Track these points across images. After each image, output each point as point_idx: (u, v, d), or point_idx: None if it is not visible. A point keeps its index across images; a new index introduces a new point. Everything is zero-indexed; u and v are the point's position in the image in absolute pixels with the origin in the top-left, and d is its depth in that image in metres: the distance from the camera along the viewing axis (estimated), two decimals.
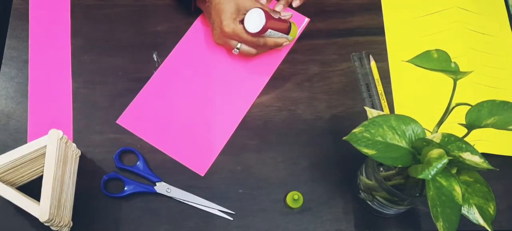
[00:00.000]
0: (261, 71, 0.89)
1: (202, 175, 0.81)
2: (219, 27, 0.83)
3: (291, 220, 0.80)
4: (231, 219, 0.79)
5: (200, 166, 0.82)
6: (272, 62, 0.90)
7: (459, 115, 0.66)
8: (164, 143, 0.83)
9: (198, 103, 0.86)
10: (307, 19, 0.94)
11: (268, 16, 0.80)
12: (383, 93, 0.88)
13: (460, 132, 0.65)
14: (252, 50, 0.85)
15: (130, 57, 0.88)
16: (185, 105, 0.86)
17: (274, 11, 0.87)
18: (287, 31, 0.85)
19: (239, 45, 0.84)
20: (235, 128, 0.85)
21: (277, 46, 0.86)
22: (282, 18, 0.86)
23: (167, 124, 0.84)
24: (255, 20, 0.80)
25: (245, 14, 0.82)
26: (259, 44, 0.84)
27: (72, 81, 0.86)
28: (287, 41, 0.87)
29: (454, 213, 0.59)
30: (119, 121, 0.84)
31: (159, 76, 0.87)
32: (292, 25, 0.86)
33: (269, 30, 0.81)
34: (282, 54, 0.91)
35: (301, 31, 0.93)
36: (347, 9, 0.96)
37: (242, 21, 0.82)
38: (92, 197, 0.79)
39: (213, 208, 0.79)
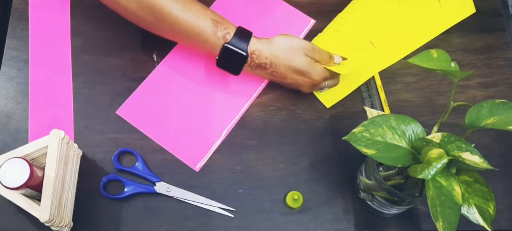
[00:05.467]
0: None
1: (197, 171, 0.81)
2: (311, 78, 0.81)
3: (291, 220, 0.80)
4: (232, 216, 0.79)
5: (195, 160, 0.82)
6: None
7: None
8: (161, 136, 0.83)
9: (196, 99, 0.86)
10: (313, 21, 0.93)
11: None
12: (383, 93, 0.88)
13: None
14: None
15: (130, 57, 0.88)
16: (183, 100, 0.86)
17: None
18: None
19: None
20: (233, 124, 0.85)
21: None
22: None
23: (165, 117, 0.85)
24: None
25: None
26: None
27: (72, 81, 0.86)
28: None
29: (454, 213, 0.59)
30: (118, 111, 0.84)
31: (160, 71, 0.88)
32: None
33: None
34: None
35: (305, 33, 0.92)
36: None
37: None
38: (93, 197, 0.79)
39: (213, 206, 0.79)
